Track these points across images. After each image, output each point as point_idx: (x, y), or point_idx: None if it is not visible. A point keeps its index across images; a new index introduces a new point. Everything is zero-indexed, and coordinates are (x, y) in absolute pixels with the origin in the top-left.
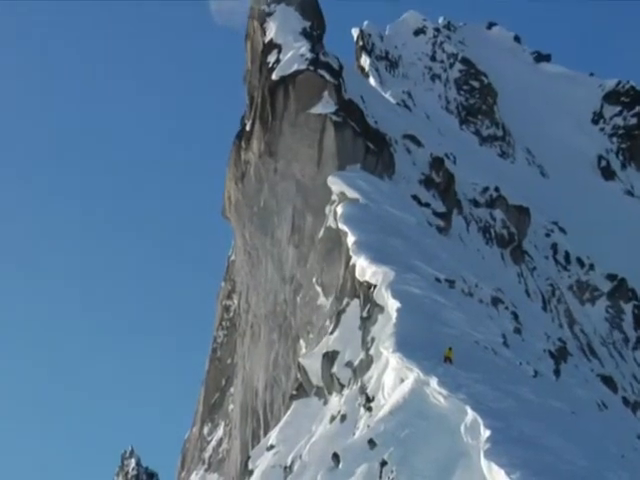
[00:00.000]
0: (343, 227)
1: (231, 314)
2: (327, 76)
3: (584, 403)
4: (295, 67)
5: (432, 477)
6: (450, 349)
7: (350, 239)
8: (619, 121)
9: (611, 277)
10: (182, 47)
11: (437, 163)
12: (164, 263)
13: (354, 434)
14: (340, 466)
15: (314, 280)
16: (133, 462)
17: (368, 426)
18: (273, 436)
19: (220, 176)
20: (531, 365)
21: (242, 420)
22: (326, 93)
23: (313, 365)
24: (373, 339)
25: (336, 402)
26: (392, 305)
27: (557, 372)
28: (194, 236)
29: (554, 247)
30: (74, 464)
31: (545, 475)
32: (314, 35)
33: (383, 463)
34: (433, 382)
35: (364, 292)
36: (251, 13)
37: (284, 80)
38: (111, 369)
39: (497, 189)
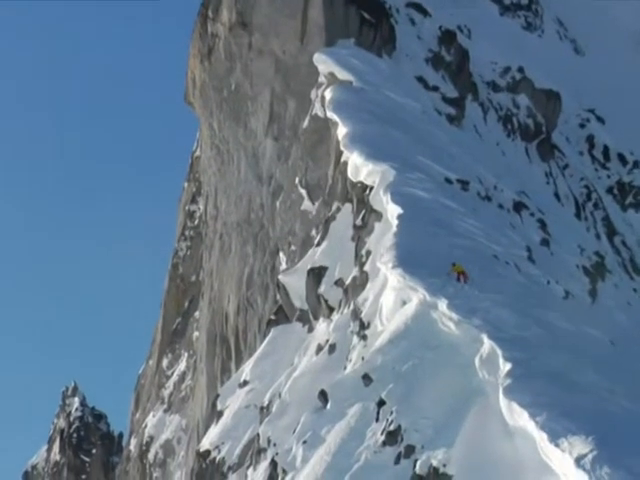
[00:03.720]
0: (332, 116)
1: (196, 222)
2: None
3: (625, 331)
4: None
5: (440, 420)
6: (455, 265)
7: (341, 130)
8: None
9: None
10: None
11: (447, 37)
12: (113, 157)
13: (345, 368)
14: (328, 406)
15: (297, 180)
16: (76, 401)
17: (362, 358)
18: (247, 370)
19: (182, 53)
20: (561, 284)
21: (209, 351)
22: None
23: (295, 284)
24: (369, 252)
25: (323, 329)
26: (392, 211)
27: (593, 293)
28: (150, 126)
29: (590, 140)
30: (4, 404)
31: (576, 417)
32: None
33: (380, 403)
34: (442, 304)
35: (358, 195)
36: None
37: None
38: (49, 288)
39: (521, 69)
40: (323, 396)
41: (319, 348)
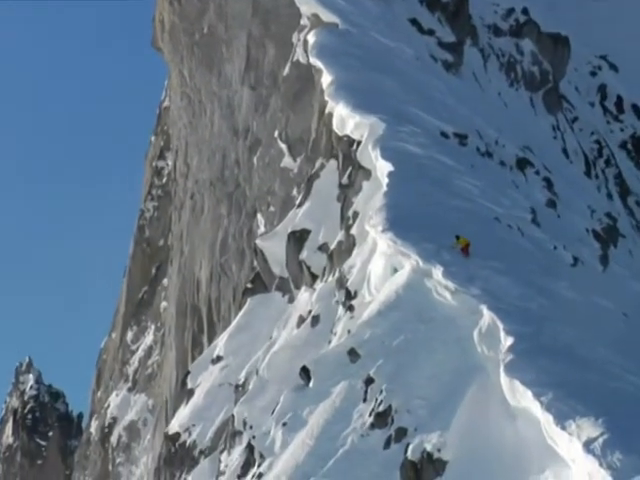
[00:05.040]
0: (316, 62)
1: (164, 180)
2: None
3: None
4: None
5: (434, 400)
6: (458, 237)
7: (325, 78)
8: None
9: None
10: None
11: None
12: (71, 106)
13: (330, 342)
14: (311, 385)
15: (276, 134)
16: (31, 378)
17: (349, 331)
18: (220, 344)
19: None
20: (569, 250)
21: (179, 323)
22: None
23: (275, 249)
24: (356, 214)
25: (306, 299)
26: (382, 168)
27: (604, 259)
28: (113, 73)
29: (602, 90)
30: None
31: (585, 397)
32: None
33: (368, 381)
34: (437, 272)
35: (344, 151)
36: None
37: None
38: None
39: (525, 11)
40: (305, 373)
41: (301, 320)
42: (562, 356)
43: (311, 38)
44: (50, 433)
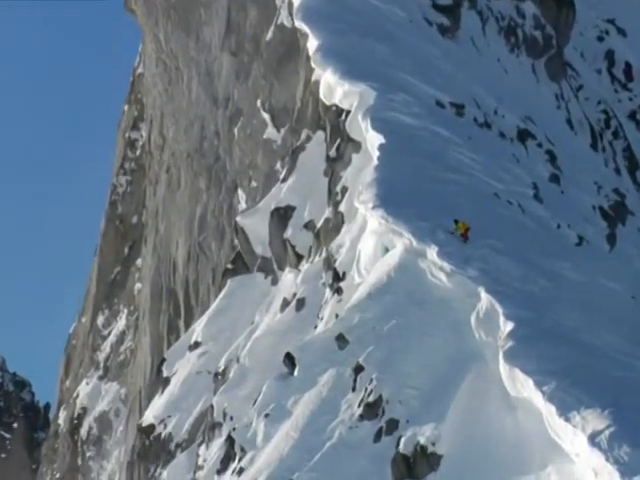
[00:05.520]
0: (301, 25)
1: (138, 152)
2: None
3: None
4: None
5: (428, 389)
6: (458, 222)
7: (312, 43)
8: None
9: None
10: None
11: None
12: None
13: (316, 327)
14: (295, 373)
15: (259, 103)
16: None
17: (336, 316)
18: (198, 329)
19: None
20: (574, 229)
21: (153, 306)
22: None
23: (257, 227)
24: (344, 189)
25: (290, 281)
26: (373, 140)
27: (612, 239)
28: (83, 38)
29: (609, 56)
30: None
31: (591, 387)
32: None
33: (358, 369)
34: (431, 252)
35: (332, 121)
36: None
37: None
38: None
39: None
40: (289, 360)
41: (285, 303)
42: (566, 342)
43: (296, 0)
44: (15, 425)
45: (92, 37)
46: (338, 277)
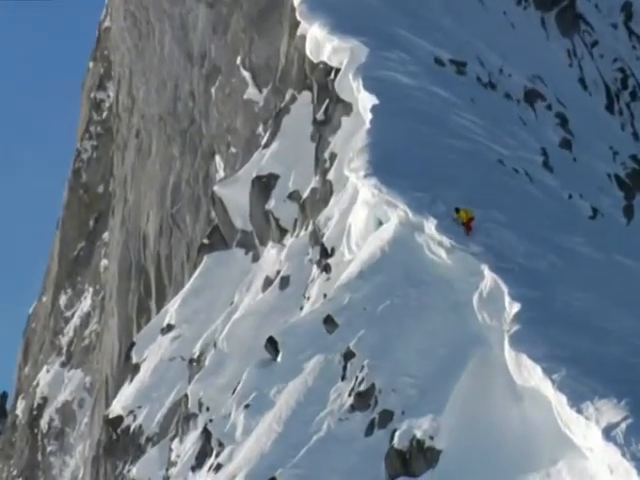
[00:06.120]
0: None
1: (104, 114)
2: None
3: None
4: None
5: (426, 377)
6: (459, 210)
7: None
8: None
9: None
10: None
11: None
12: None
13: (302, 308)
14: (279, 359)
15: (238, 60)
16: None
17: (324, 295)
18: (172, 311)
19: None
20: (587, 199)
21: (122, 285)
22: None
23: (236, 197)
24: (333, 156)
25: (273, 257)
26: (365, 101)
27: (629, 210)
28: None
29: (626, 9)
30: None
31: (605, 375)
32: None
33: (348, 355)
34: (429, 226)
35: (319, 80)
36: None
37: None
38: None
39: None
40: (272, 345)
41: (267, 282)
42: (578, 326)
43: None
44: None
45: None
46: (326, 253)
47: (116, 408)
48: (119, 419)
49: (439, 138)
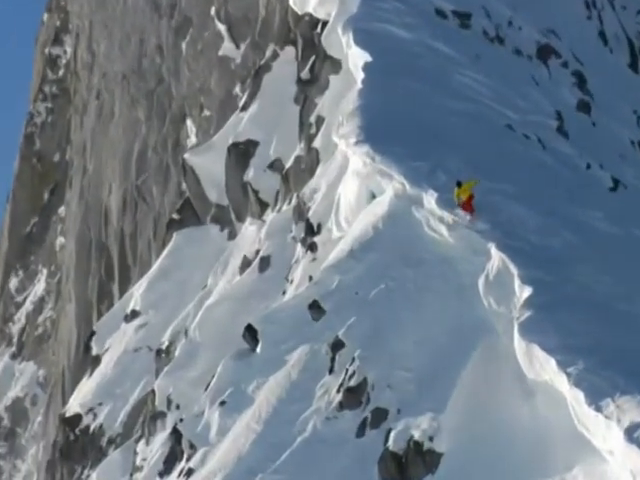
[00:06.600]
0: None
1: (60, 72)
2: None
3: None
4: None
5: (424, 370)
6: (460, 184)
7: None
8: None
9: None
10: None
11: None
12: None
13: (284, 292)
14: (258, 350)
15: (212, 11)
16: None
17: (310, 278)
18: (137, 295)
19: None
20: (608, 169)
21: (80, 266)
22: None
23: (211, 167)
24: (320, 120)
25: (252, 234)
26: (356, 58)
27: None
28: None
29: None
30: None
31: (627, 368)
32: None
33: (336, 345)
34: (429, 199)
35: (304, 34)
36: None
37: None
38: None
39: None
40: (251, 334)
41: (245, 263)
42: (596, 312)
43: None
44: None
45: None
46: (312, 230)
47: (74, 405)
48: (77, 418)
49: (440, 99)
